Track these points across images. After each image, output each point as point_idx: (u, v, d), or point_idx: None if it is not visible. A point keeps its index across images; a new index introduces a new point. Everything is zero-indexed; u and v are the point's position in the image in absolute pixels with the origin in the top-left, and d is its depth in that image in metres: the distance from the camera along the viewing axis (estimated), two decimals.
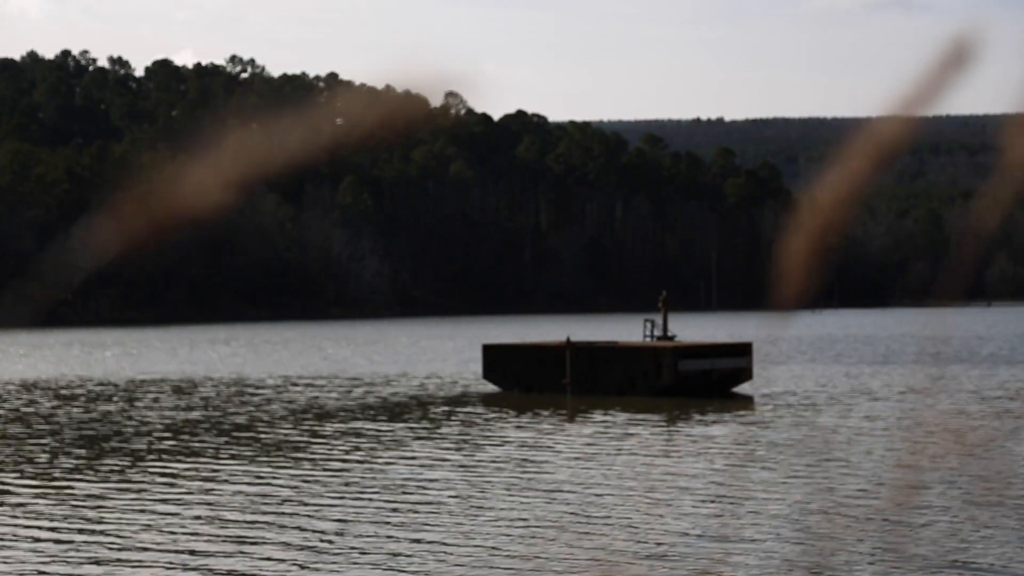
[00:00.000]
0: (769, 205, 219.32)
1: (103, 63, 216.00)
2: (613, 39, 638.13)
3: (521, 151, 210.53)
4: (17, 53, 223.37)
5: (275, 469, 24.89)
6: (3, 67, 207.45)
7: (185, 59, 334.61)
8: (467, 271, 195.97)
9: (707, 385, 41.70)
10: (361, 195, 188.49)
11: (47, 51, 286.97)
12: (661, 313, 47.18)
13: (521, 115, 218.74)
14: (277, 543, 17.10)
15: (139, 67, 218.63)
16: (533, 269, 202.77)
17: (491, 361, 45.46)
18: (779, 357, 62.70)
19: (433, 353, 73.73)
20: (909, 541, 16.49)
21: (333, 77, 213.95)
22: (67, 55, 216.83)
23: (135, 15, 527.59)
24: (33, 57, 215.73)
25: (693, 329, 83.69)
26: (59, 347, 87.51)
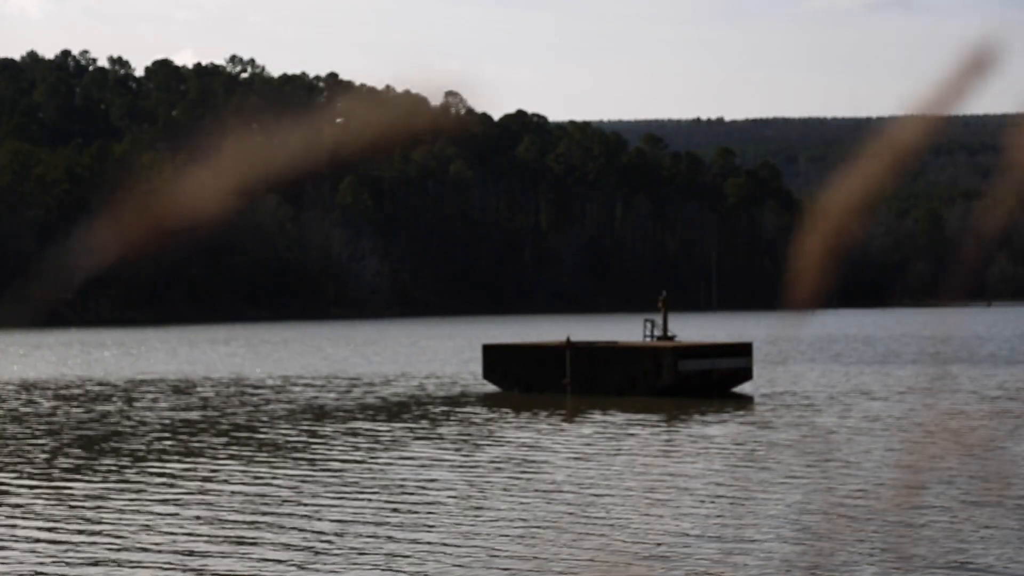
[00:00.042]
0: (769, 205, 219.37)
1: (103, 63, 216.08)
2: (613, 39, 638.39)
3: (521, 151, 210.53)
4: (17, 53, 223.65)
5: (274, 469, 24.87)
6: (3, 67, 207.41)
7: (185, 59, 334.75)
8: (467, 271, 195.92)
9: (707, 385, 41.68)
10: (361, 195, 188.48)
11: (47, 51, 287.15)
12: (661, 313, 47.16)
13: (521, 115, 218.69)
14: (276, 543, 17.08)
15: (139, 67, 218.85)
16: (533, 269, 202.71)
17: (491, 361, 45.44)
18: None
19: (433, 353, 73.70)
20: (909, 541, 16.46)
21: (333, 77, 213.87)
22: (67, 55, 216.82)
23: (135, 15, 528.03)
24: (33, 57, 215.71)
25: (693, 329, 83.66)
26: (59, 347, 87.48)
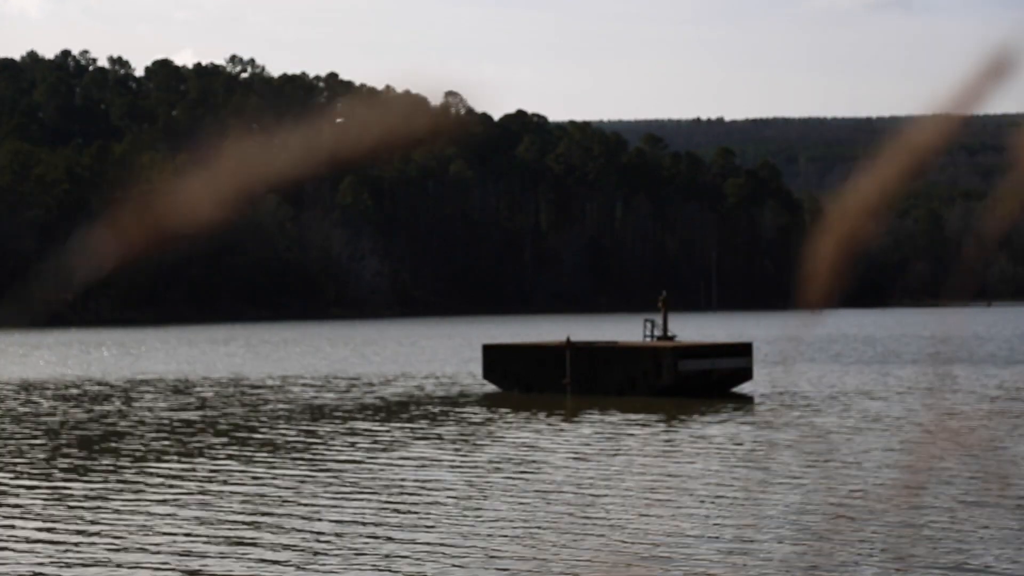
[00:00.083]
0: (769, 205, 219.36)
1: (103, 63, 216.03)
2: (613, 39, 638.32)
3: (521, 151, 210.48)
4: (17, 53, 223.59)
5: (273, 469, 24.84)
6: (3, 67, 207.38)
7: (185, 59, 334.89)
8: (467, 271, 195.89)
9: (707, 385, 41.65)
10: (361, 195, 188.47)
11: (47, 51, 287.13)
12: (661, 313, 47.13)
13: (521, 115, 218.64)
14: (275, 544, 17.05)
15: (139, 67, 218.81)
16: (533, 269, 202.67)
17: (491, 361, 45.40)
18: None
19: (433, 353, 73.67)
20: (909, 541, 16.43)
21: (333, 77, 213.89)
22: (67, 55, 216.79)
23: (135, 15, 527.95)
24: (33, 57, 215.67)
25: (693, 329, 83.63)
26: (58, 347, 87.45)
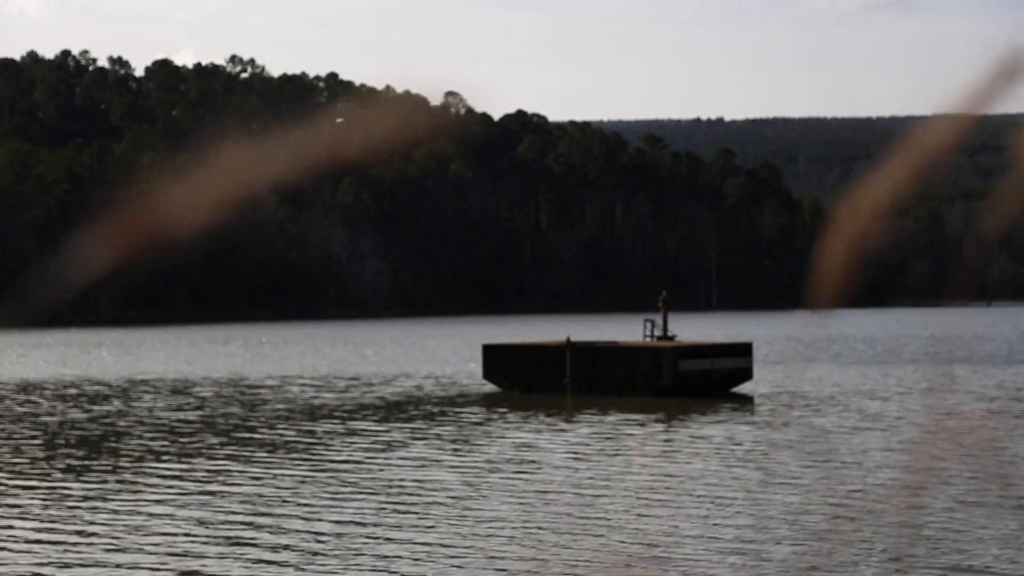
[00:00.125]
0: (769, 205, 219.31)
1: (103, 63, 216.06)
2: (613, 39, 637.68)
3: (521, 151, 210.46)
4: (17, 53, 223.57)
5: (273, 469, 24.81)
6: (3, 67, 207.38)
7: (185, 59, 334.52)
8: (467, 271, 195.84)
9: (707, 385, 41.64)
10: (361, 195, 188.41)
11: (47, 51, 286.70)
12: (661, 313, 47.12)
13: (521, 115, 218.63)
14: (274, 544, 17.03)
15: (139, 67, 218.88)
16: (533, 269, 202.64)
17: (491, 361, 45.40)
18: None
19: (432, 353, 73.65)
20: (908, 541, 16.41)
21: (333, 77, 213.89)
22: (67, 55, 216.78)
23: (135, 15, 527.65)
24: (33, 57, 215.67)
25: (693, 329, 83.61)
26: (58, 347, 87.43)
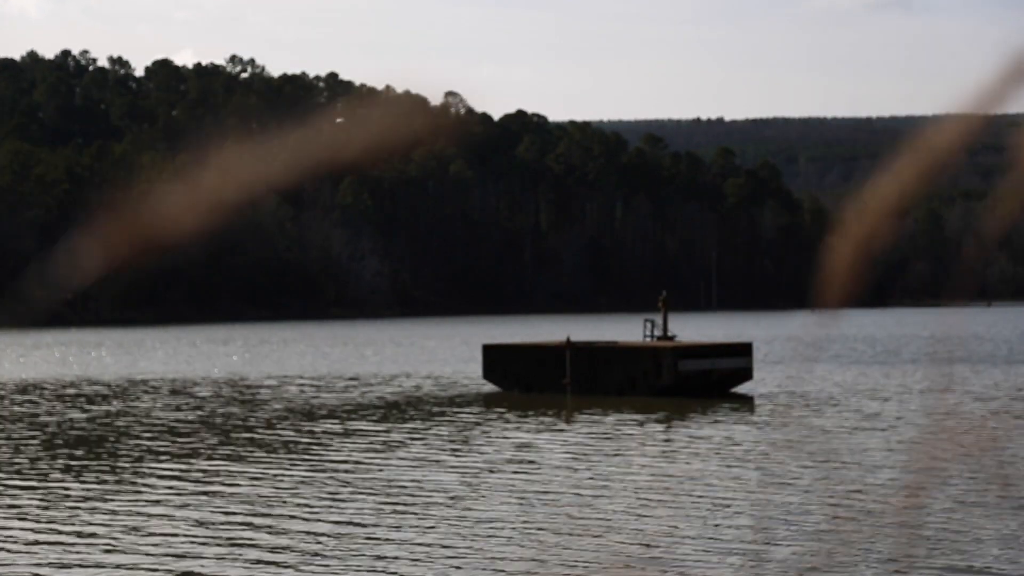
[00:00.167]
0: (769, 205, 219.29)
1: (103, 63, 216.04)
2: (613, 39, 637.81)
3: (521, 151, 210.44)
4: (17, 53, 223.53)
5: (272, 470, 24.79)
6: (3, 67, 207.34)
7: (185, 59, 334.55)
8: (467, 271, 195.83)
9: (707, 385, 41.62)
10: (361, 195, 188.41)
11: (47, 51, 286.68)
12: (661, 313, 47.10)
13: (521, 115, 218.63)
14: (273, 545, 17.00)
15: (139, 67, 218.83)
16: (533, 269, 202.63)
17: (491, 361, 45.38)
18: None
19: (432, 353, 73.64)
20: (908, 542, 16.39)
21: (333, 77, 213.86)
22: (67, 55, 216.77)
23: (135, 15, 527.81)
24: (33, 57, 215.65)
25: (693, 329, 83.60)
26: (58, 347, 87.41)
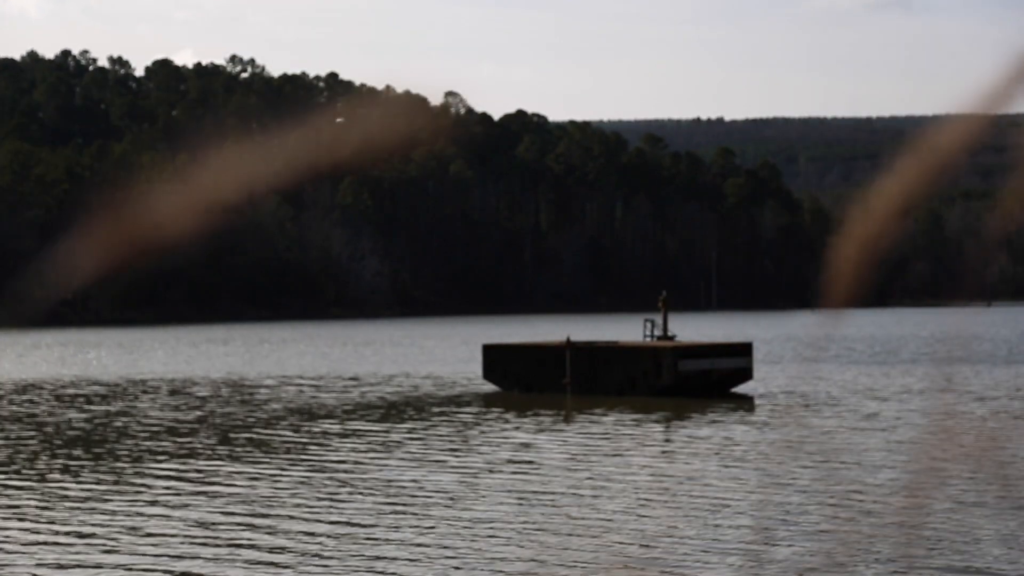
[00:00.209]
0: (769, 205, 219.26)
1: (103, 63, 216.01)
2: (613, 39, 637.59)
3: (521, 151, 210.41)
4: (17, 53, 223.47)
5: (271, 470, 24.79)
6: (3, 67, 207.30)
7: (185, 59, 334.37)
8: (467, 271, 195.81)
9: (707, 385, 41.62)
10: (361, 195, 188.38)
11: (47, 51, 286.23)
12: (661, 313, 47.10)
13: (521, 115, 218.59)
14: (272, 545, 16.99)
15: (139, 67, 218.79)
16: (533, 269, 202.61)
17: (491, 361, 45.38)
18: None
19: (432, 353, 73.63)
20: (908, 542, 16.39)
21: (333, 77, 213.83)
22: (67, 55, 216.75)
23: (135, 15, 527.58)
24: (33, 57, 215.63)
25: (693, 329, 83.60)
26: (57, 347, 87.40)
